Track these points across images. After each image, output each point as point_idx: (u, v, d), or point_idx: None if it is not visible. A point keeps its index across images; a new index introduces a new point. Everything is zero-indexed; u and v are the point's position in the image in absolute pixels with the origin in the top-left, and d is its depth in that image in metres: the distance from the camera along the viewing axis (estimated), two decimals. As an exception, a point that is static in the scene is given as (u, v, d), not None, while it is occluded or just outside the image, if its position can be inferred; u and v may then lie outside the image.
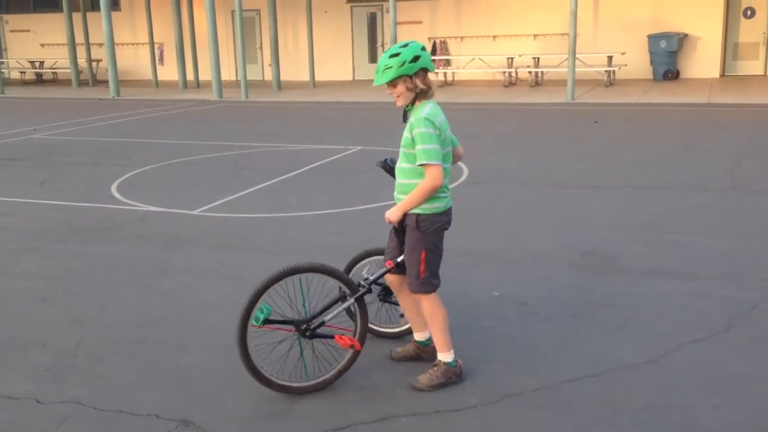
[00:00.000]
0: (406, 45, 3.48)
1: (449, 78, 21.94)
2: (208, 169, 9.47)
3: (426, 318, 3.61)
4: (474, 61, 21.64)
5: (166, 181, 8.79)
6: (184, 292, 4.94)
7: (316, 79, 22.63)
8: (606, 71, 19.59)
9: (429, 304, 3.56)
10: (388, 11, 18.65)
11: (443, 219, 3.53)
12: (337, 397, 3.49)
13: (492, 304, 4.58)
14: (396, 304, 3.92)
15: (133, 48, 26.32)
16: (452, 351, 3.60)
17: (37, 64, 26.03)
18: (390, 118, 3.64)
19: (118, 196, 7.86)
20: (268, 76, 23.54)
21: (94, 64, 25.02)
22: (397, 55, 3.44)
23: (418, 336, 3.81)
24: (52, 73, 26.40)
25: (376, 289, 3.84)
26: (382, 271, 3.68)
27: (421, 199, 3.43)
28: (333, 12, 23.77)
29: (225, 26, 24.17)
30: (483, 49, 22.20)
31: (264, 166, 9.55)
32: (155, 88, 23.00)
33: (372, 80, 3.68)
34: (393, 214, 3.51)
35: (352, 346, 3.54)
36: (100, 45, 23.33)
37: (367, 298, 3.68)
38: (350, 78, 24.16)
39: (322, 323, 3.57)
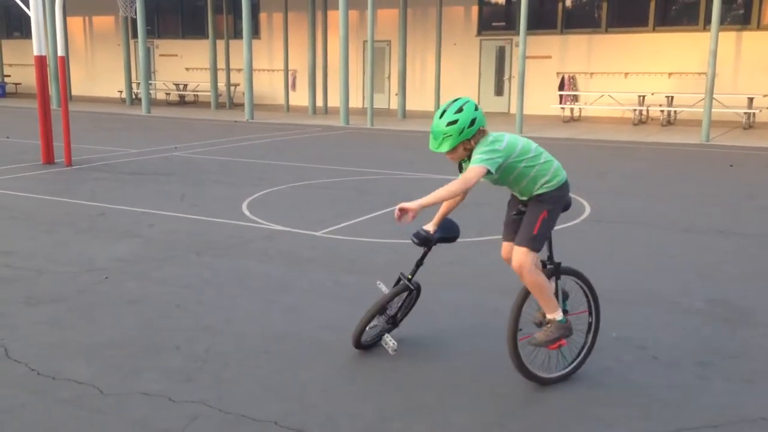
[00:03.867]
0: (461, 109, 3.53)
1: (576, 114, 21.61)
2: (332, 192, 9.81)
3: (530, 287, 3.73)
4: (603, 98, 21.22)
5: (293, 202, 9.18)
6: (304, 310, 5.15)
7: (441, 109, 22.87)
8: (745, 113, 18.69)
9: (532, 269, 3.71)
10: (517, 45, 18.66)
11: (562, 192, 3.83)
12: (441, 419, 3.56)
13: (610, 346, 4.49)
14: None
15: (269, 74, 27.67)
16: (560, 310, 3.80)
17: (181, 87, 27.87)
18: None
19: (248, 214, 8.30)
20: (394, 104, 24.07)
21: (232, 88, 26.49)
22: (454, 122, 3.51)
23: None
24: (194, 95, 28.16)
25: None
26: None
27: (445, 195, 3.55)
28: (462, 44, 24.04)
29: (356, 55, 24.97)
30: (613, 85, 21.74)
31: (384, 192, 9.78)
32: (286, 112, 24.03)
33: (497, 113, 3.90)
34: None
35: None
36: (239, 70, 24.71)
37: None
38: (475, 110, 24.25)
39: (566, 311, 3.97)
